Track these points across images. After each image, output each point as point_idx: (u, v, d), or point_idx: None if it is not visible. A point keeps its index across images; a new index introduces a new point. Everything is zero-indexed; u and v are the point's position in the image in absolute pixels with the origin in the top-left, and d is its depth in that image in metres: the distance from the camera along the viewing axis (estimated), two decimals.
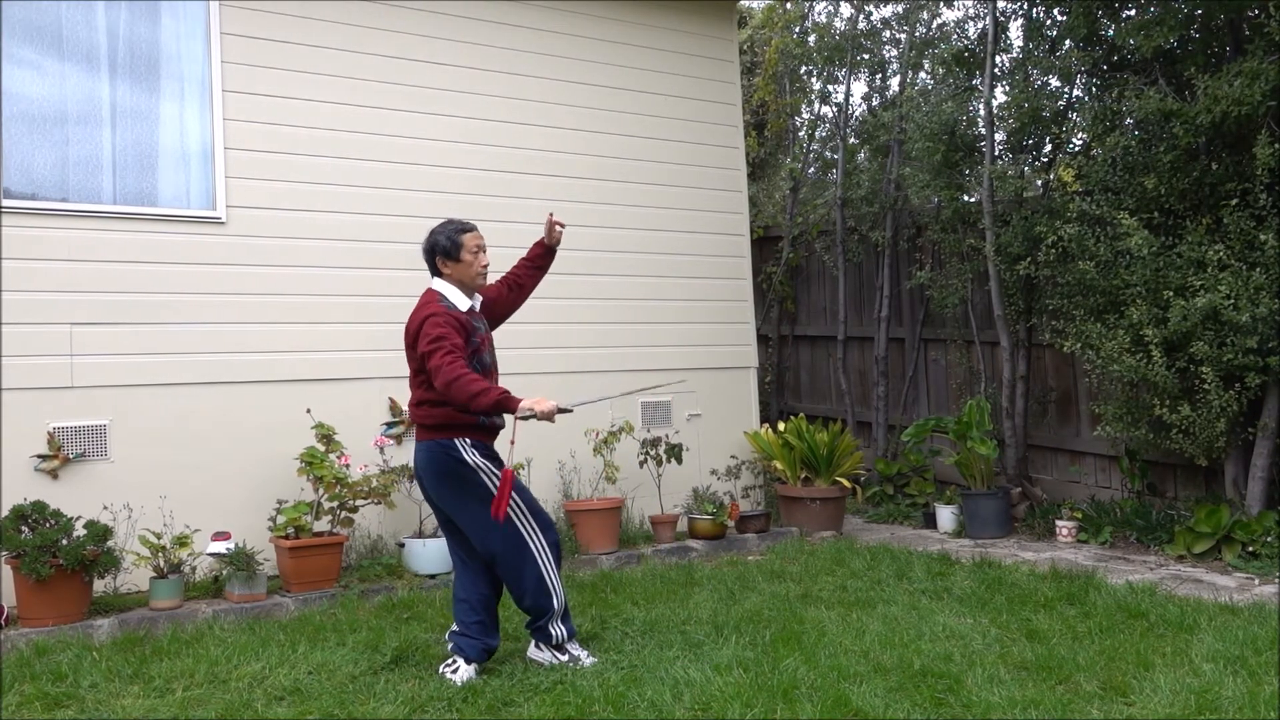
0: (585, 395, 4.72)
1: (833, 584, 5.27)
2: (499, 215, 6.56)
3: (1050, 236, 6.61)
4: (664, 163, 7.26)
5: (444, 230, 3.98)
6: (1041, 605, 4.67)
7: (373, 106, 6.18)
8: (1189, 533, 5.99)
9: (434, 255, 3.98)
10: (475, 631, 3.91)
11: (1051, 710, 3.29)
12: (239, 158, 5.76)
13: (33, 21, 5.32)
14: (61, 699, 3.72)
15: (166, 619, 4.75)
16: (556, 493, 6.53)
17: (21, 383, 5.13)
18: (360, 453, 5.78)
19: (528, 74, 6.75)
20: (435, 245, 3.97)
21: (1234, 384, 5.74)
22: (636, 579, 5.49)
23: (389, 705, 3.53)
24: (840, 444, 7.08)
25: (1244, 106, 5.59)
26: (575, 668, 3.87)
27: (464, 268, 3.95)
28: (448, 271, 3.96)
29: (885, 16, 9.67)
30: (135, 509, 5.21)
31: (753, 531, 6.70)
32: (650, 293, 7.13)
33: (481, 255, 3.99)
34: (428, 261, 4.02)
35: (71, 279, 5.28)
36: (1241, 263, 5.70)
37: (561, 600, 3.94)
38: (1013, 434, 7.51)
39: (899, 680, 3.61)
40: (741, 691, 3.48)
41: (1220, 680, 3.51)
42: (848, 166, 9.54)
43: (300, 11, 6.00)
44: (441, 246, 3.95)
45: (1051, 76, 7.51)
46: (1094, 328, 6.28)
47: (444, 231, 3.98)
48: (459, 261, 3.95)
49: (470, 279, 3.98)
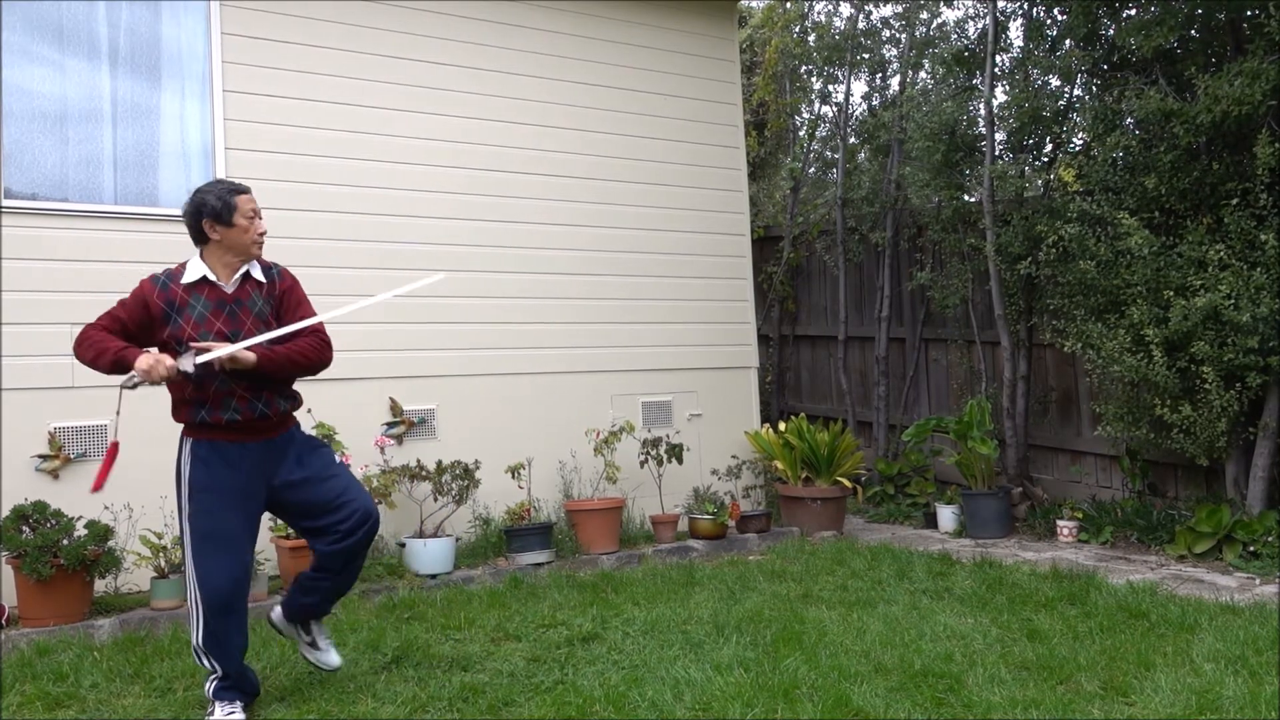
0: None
1: (833, 584, 5.27)
2: (499, 215, 6.58)
3: (1051, 236, 6.61)
4: (664, 162, 7.26)
5: (213, 190, 3.41)
6: (1042, 605, 4.67)
7: (373, 106, 6.18)
8: (1190, 532, 5.99)
9: (199, 218, 3.38)
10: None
11: (1052, 710, 3.29)
12: (239, 158, 5.76)
13: (33, 20, 5.33)
14: (62, 699, 3.72)
15: (168, 619, 4.75)
16: (557, 492, 6.54)
17: (22, 383, 5.14)
18: (361, 453, 5.79)
19: (528, 74, 6.75)
20: (203, 206, 3.37)
21: (1235, 384, 5.74)
22: (637, 579, 5.49)
23: (389, 705, 3.53)
24: (841, 444, 7.07)
25: (1244, 106, 5.59)
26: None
27: (237, 233, 3.40)
28: (215, 238, 3.39)
29: (885, 16, 9.67)
30: (136, 509, 5.21)
31: (753, 531, 6.70)
32: (650, 293, 7.13)
33: (258, 221, 3.46)
34: (190, 226, 3.42)
35: (72, 279, 5.28)
36: (1242, 262, 5.69)
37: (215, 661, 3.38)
38: (1013, 434, 7.51)
39: (900, 680, 3.61)
40: (742, 691, 3.48)
41: (1221, 680, 3.50)
42: (848, 166, 9.54)
43: (300, 11, 6.00)
44: (211, 207, 3.36)
45: (1052, 76, 7.51)
46: (1095, 327, 6.28)
47: (213, 191, 3.40)
48: (231, 226, 3.38)
49: (244, 247, 3.43)
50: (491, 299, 6.49)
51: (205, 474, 3.40)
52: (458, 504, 5.85)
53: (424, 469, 5.78)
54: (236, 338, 3.38)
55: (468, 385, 6.39)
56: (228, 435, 3.41)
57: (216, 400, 3.38)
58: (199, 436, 3.42)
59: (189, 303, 3.39)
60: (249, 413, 3.42)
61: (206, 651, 3.40)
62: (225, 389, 3.38)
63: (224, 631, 3.38)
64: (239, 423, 3.41)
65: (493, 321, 6.48)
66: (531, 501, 6.26)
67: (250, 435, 3.45)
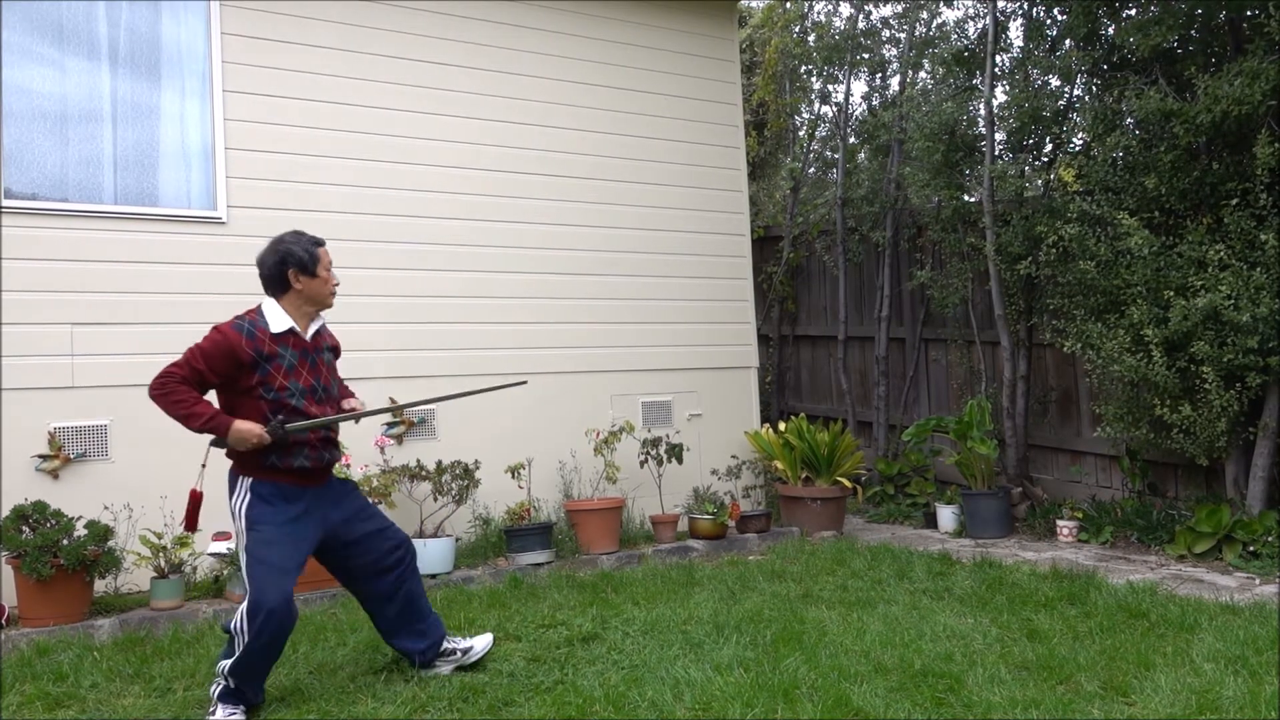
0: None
1: (833, 584, 5.27)
2: (499, 215, 6.58)
3: (1051, 236, 6.61)
4: (665, 163, 7.26)
5: (298, 241, 3.54)
6: (1042, 605, 4.67)
7: (373, 106, 6.18)
8: (1190, 532, 5.99)
9: (284, 267, 3.50)
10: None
11: (1052, 710, 3.29)
12: (240, 158, 5.76)
13: (33, 19, 5.32)
14: (62, 699, 3.72)
15: (167, 619, 4.76)
16: (557, 492, 6.54)
17: (22, 383, 5.14)
18: (361, 453, 5.79)
19: (529, 74, 6.75)
20: (289, 256, 3.50)
21: (1235, 384, 5.74)
22: (637, 579, 5.49)
23: (389, 705, 3.53)
24: (841, 444, 7.07)
25: (1244, 106, 5.59)
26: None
27: (319, 284, 3.57)
28: (298, 287, 3.53)
29: (885, 16, 9.69)
30: (136, 509, 5.21)
31: (753, 531, 6.70)
32: (651, 293, 7.13)
33: (333, 274, 3.65)
34: (273, 275, 3.53)
35: (72, 279, 5.28)
36: (1242, 262, 5.70)
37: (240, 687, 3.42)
38: (1013, 434, 7.51)
39: (900, 680, 3.61)
40: (742, 691, 3.48)
41: (1221, 680, 3.50)
42: (848, 166, 9.54)
43: (300, 11, 6.01)
44: (298, 258, 3.50)
45: (1052, 76, 7.51)
46: (1094, 327, 6.28)
47: (298, 242, 3.53)
48: (314, 277, 3.55)
49: (323, 298, 3.62)
50: (491, 299, 6.49)
51: (266, 509, 3.48)
52: (458, 504, 5.85)
53: (424, 469, 5.78)
54: (319, 388, 3.58)
55: (468, 385, 6.38)
56: (289, 479, 3.52)
57: (289, 449, 3.49)
58: (261, 477, 3.49)
59: (278, 352, 3.49)
60: (317, 462, 3.56)
61: (234, 678, 3.41)
62: (301, 439, 3.51)
63: (262, 663, 3.44)
64: (306, 470, 3.53)
65: (492, 321, 6.48)
66: (531, 501, 6.26)
67: (311, 481, 3.58)
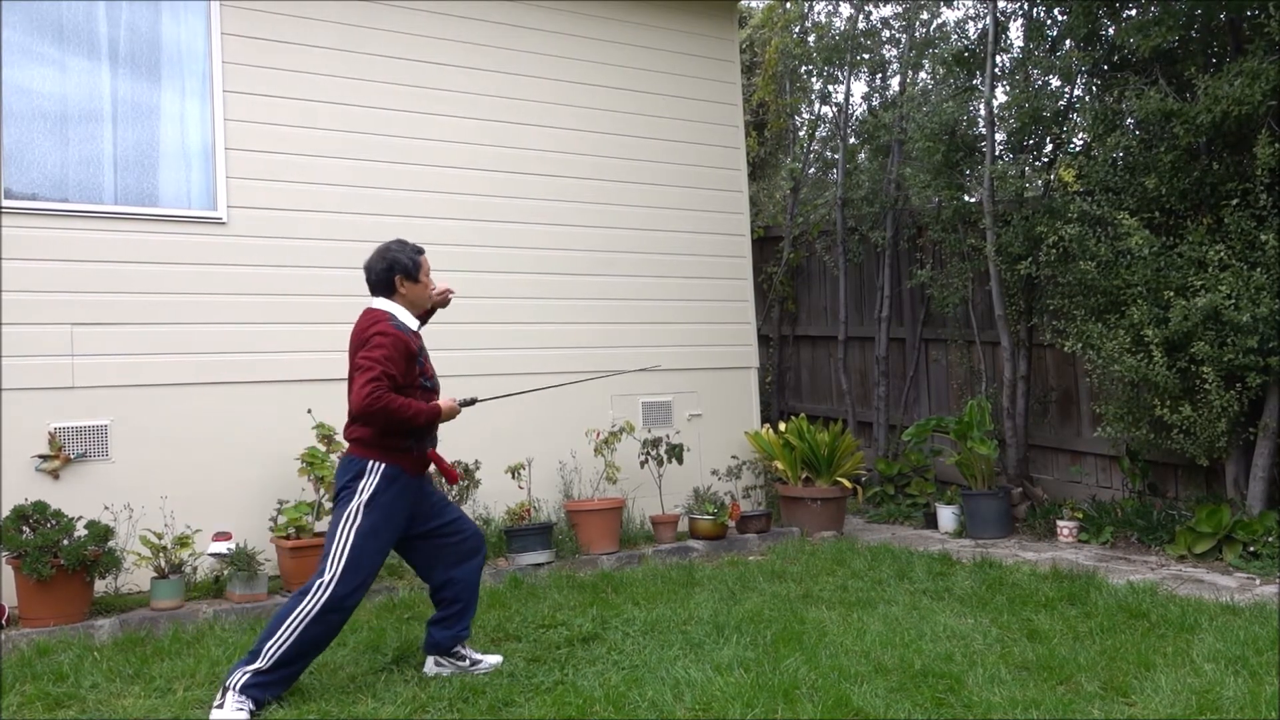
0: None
1: (833, 584, 5.27)
2: (498, 215, 6.58)
3: (1051, 236, 6.61)
4: (664, 163, 7.26)
5: (404, 250, 3.90)
6: (1042, 605, 4.67)
7: (373, 107, 6.18)
8: (1190, 533, 5.99)
9: (392, 274, 3.85)
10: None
11: (1052, 710, 3.29)
12: (239, 158, 5.76)
13: (33, 19, 5.33)
14: (63, 699, 3.72)
15: (168, 619, 4.75)
16: (557, 493, 6.54)
17: (22, 383, 5.14)
18: None
19: (528, 74, 6.75)
20: (396, 264, 3.85)
21: (1235, 384, 5.74)
22: (637, 579, 5.49)
23: (389, 705, 3.53)
24: (841, 444, 7.08)
25: (1244, 106, 5.59)
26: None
27: (421, 289, 3.91)
28: (404, 292, 3.87)
29: (885, 16, 9.68)
30: (136, 509, 5.21)
31: (753, 531, 6.70)
32: (651, 293, 7.13)
33: (432, 279, 3.98)
34: (381, 279, 3.86)
35: (72, 279, 5.28)
36: (1242, 262, 5.70)
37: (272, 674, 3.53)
38: (1013, 434, 7.51)
39: (900, 680, 3.61)
40: (742, 691, 3.48)
41: (1221, 680, 3.50)
42: (848, 166, 9.54)
43: (300, 11, 6.01)
44: (404, 266, 3.85)
45: (1052, 76, 7.52)
46: (1095, 328, 6.28)
47: (404, 251, 3.89)
48: (417, 283, 3.89)
49: (425, 301, 3.96)
50: (491, 299, 6.48)
51: (389, 496, 3.70)
52: (458, 504, 5.84)
53: None
54: (434, 379, 3.94)
55: (468, 385, 6.38)
56: (414, 468, 3.81)
57: (425, 433, 3.83)
58: (394, 461, 3.73)
59: (421, 346, 3.87)
60: (434, 445, 3.91)
61: (264, 684, 3.50)
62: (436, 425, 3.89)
63: (300, 668, 3.63)
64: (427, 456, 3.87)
65: (492, 322, 6.48)
66: (532, 502, 6.26)
67: (423, 468, 3.90)
